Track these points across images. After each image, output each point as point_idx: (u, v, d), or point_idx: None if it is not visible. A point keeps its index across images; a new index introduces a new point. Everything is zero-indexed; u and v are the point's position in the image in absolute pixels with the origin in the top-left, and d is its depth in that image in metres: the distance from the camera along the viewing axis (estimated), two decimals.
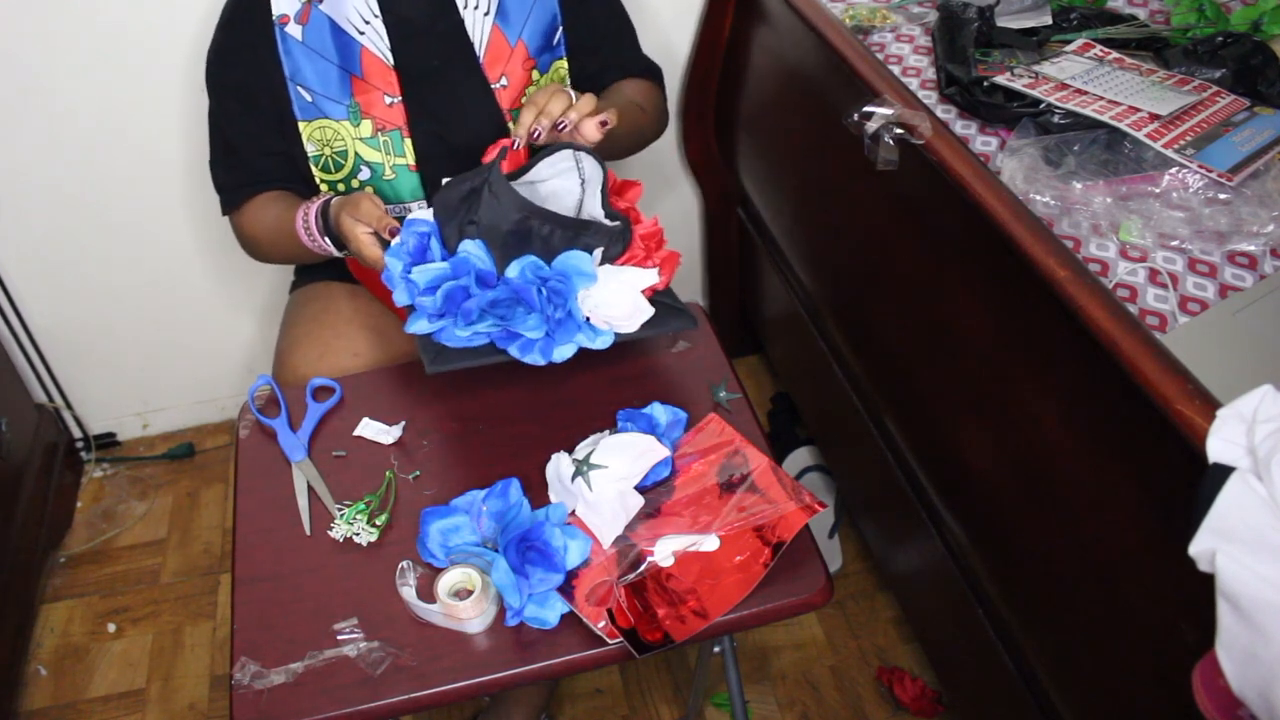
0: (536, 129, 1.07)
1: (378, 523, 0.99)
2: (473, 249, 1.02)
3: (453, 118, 1.25)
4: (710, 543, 0.94)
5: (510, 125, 1.27)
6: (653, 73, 1.39)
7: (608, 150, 1.18)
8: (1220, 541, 0.65)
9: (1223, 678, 0.64)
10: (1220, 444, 0.68)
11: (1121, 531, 0.86)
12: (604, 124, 1.08)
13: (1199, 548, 0.66)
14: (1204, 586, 0.66)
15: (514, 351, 1.05)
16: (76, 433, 1.95)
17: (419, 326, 1.05)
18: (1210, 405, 0.72)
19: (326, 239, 1.15)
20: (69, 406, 1.90)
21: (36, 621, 1.69)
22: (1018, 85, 1.20)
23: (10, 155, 1.59)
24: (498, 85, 1.26)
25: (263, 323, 1.90)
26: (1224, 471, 0.66)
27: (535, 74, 1.28)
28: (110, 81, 1.55)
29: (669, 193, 1.93)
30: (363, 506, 1.01)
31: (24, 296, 1.75)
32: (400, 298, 1.04)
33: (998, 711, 1.20)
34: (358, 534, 0.98)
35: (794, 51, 1.43)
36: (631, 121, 1.27)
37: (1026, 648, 1.06)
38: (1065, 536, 0.95)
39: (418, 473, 1.05)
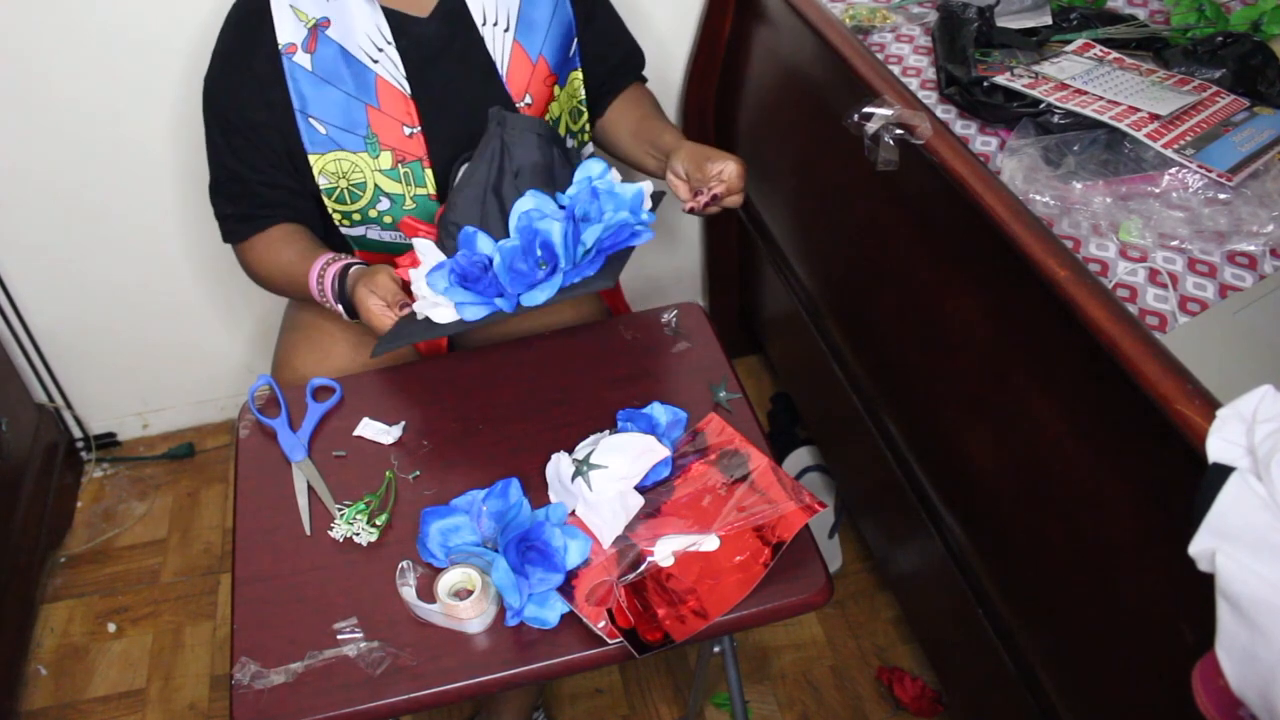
0: (704, 198, 1.12)
1: (378, 523, 0.99)
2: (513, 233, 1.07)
3: (476, 143, 1.17)
4: (710, 543, 0.94)
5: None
6: (642, 62, 1.41)
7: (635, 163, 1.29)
8: (1220, 541, 0.65)
9: (1223, 678, 0.64)
10: (1220, 444, 0.68)
11: (1122, 531, 0.87)
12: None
13: (1199, 547, 0.66)
14: (1204, 586, 0.66)
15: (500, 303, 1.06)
16: (76, 433, 1.95)
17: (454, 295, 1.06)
18: (1210, 405, 0.72)
19: (339, 305, 1.14)
20: (69, 406, 1.90)
21: (37, 621, 1.69)
22: (1018, 85, 1.20)
23: (11, 155, 1.59)
24: (522, 104, 1.22)
25: (263, 323, 1.90)
26: (1224, 471, 0.66)
27: (556, 89, 1.25)
28: (111, 82, 1.55)
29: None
30: (363, 506, 1.01)
31: (24, 296, 1.75)
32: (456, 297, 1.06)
33: (998, 711, 1.20)
34: (358, 534, 0.98)
35: (794, 51, 1.43)
36: None
37: (1026, 648, 1.06)
38: (1065, 536, 0.95)
39: (418, 473, 1.05)
